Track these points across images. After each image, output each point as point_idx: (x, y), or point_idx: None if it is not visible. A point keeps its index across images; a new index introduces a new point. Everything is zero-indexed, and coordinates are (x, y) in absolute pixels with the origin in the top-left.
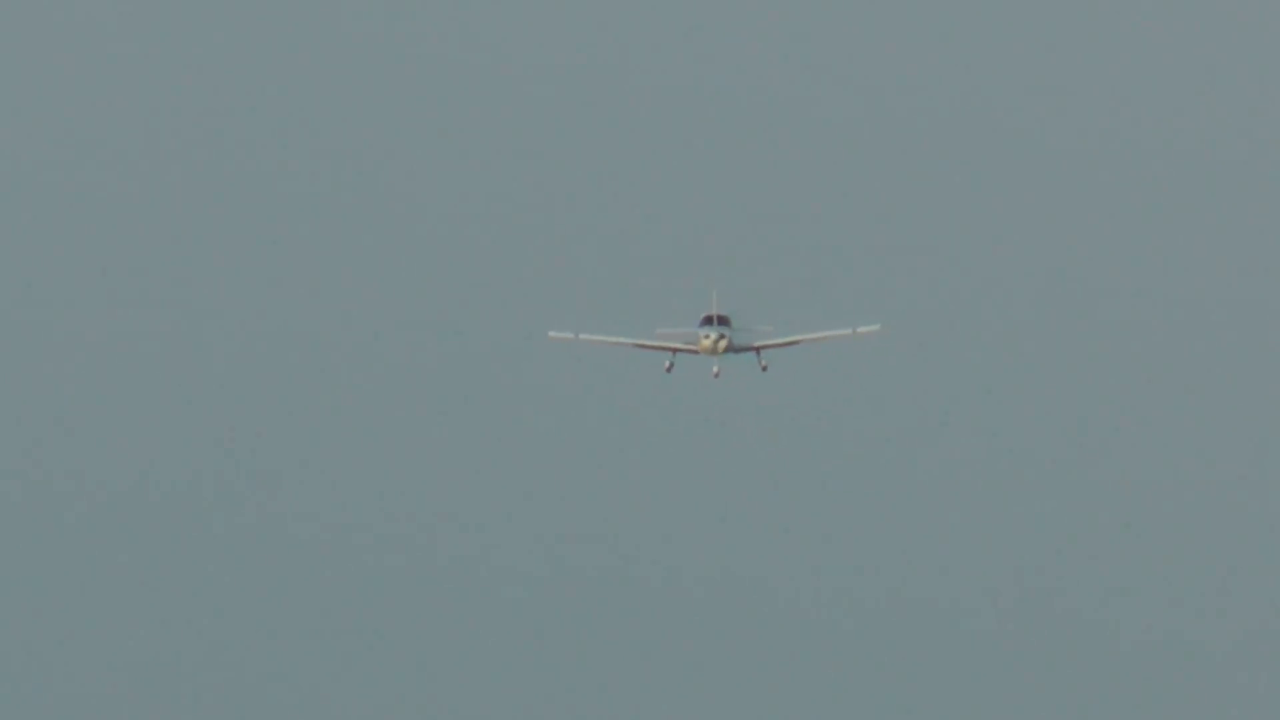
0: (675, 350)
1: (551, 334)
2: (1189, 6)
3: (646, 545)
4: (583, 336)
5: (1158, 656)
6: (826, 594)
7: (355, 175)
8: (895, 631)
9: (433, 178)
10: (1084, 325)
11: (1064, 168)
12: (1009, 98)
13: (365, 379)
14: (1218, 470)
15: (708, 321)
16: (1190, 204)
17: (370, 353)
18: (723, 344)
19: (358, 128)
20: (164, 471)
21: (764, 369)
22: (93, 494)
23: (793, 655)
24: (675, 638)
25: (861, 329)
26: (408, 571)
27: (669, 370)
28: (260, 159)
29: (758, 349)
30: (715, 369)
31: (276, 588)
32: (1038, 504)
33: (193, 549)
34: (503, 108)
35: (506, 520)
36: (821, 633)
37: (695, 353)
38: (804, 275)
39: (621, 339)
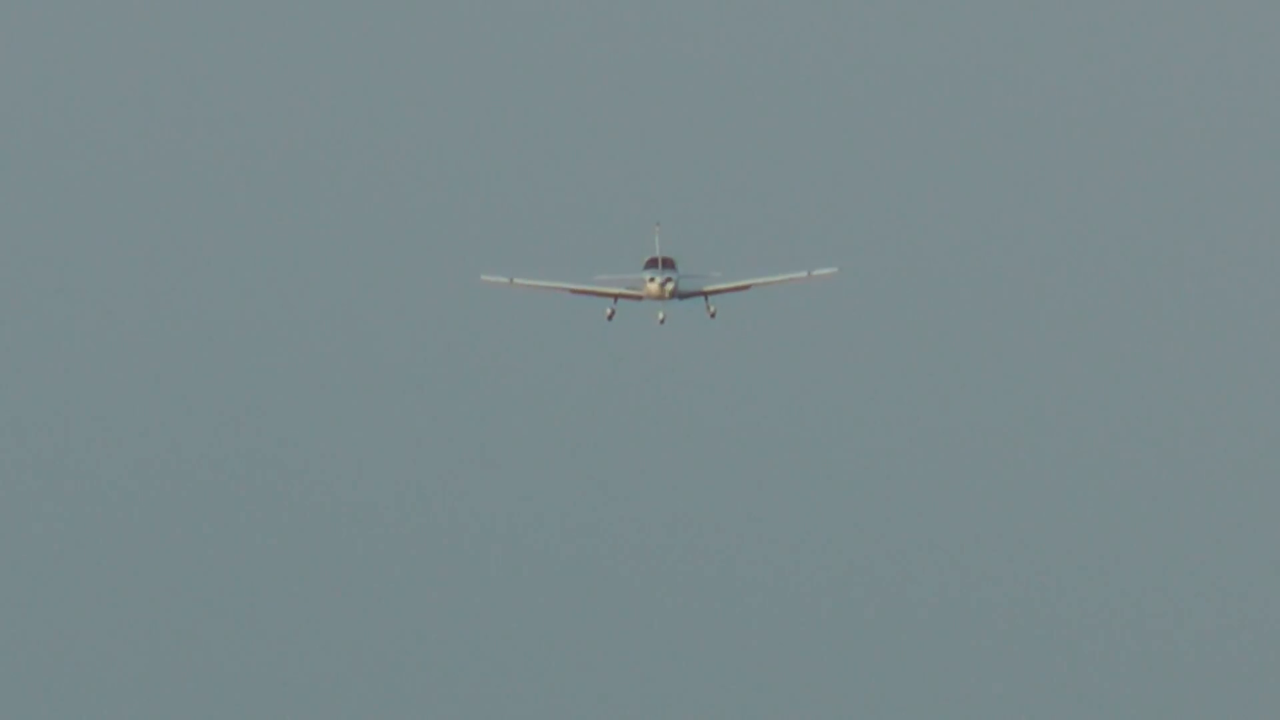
0: (617, 296)
1: (484, 277)
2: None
3: (586, 502)
4: (518, 281)
5: (1109, 615)
6: (777, 549)
7: (289, 121)
8: (845, 587)
9: (366, 118)
10: (1043, 270)
11: (1021, 114)
12: (967, 45)
13: (297, 325)
14: (1167, 429)
15: (653, 265)
16: (1140, 161)
17: (302, 297)
18: (670, 287)
19: (292, 77)
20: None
21: (712, 315)
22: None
23: (739, 607)
24: (616, 590)
25: (817, 272)
26: (340, 522)
27: (610, 318)
28: (189, 107)
29: (706, 294)
30: (660, 315)
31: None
32: (997, 452)
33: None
34: (439, 53)
35: (436, 472)
36: (768, 586)
37: (638, 298)
38: (755, 217)
39: (558, 284)
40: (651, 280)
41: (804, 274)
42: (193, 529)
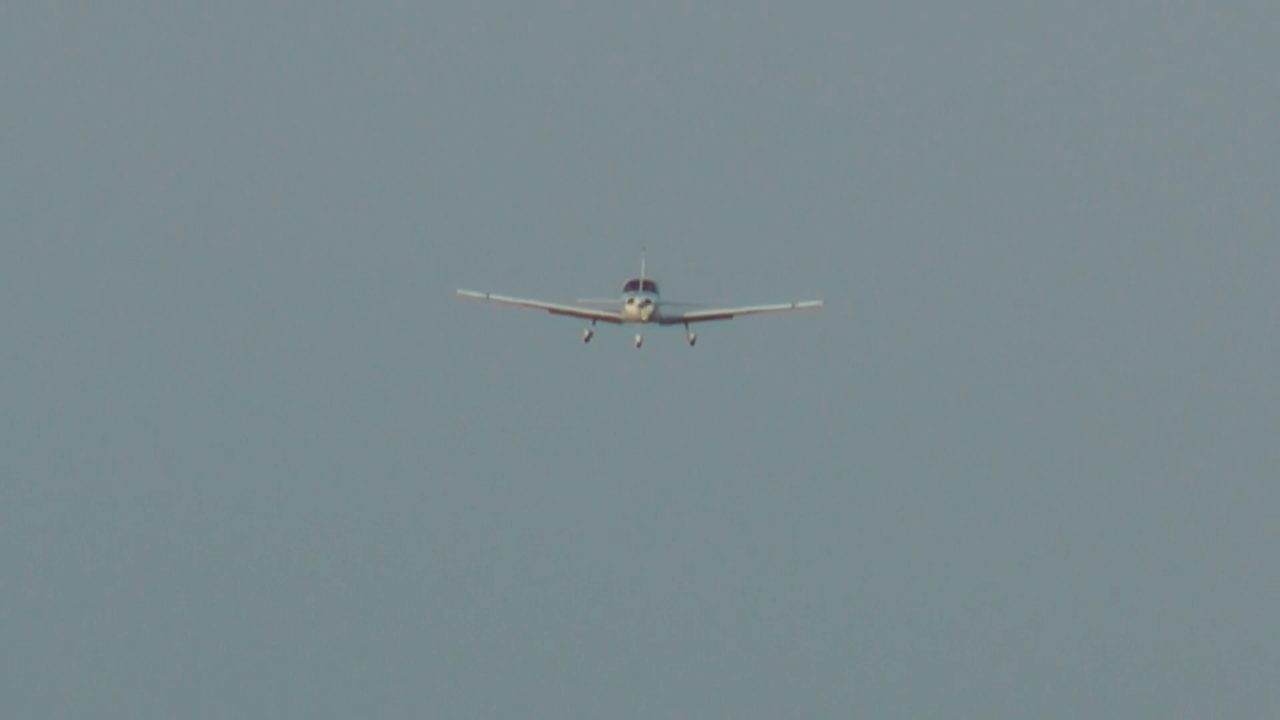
0: (595, 318)
1: (460, 292)
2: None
3: (556, 521)
4: (494, 297)
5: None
6: (751, 574)
7: (271, 132)
8: (824, 612)
9: (348, 132)
10: (1028, 302)
11: (1005, 146)
12: (949, 81)
13: (272, 338)
14: (1145, 435)
15: (633, 287)
16: (1119, 197)
17: (278, 310)
18: (648, 310)
19: (276, 88)
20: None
21: (692, 342)
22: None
23: (714, 630)
24: (589, 611)
25: (802, 304)
26: (311, 537)
27: (588, 340)
28: (174, 112)
29: (686, 321)
30: (638, 338)
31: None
32: (980, 484)
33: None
34: (428, 71)
35: (407, 488)
36: (743, 610)
37: (618, 321)
38: (741, 246)
39: (536, 302)
40: (630, 302)
41: (788, 305)
42: (166, 548)
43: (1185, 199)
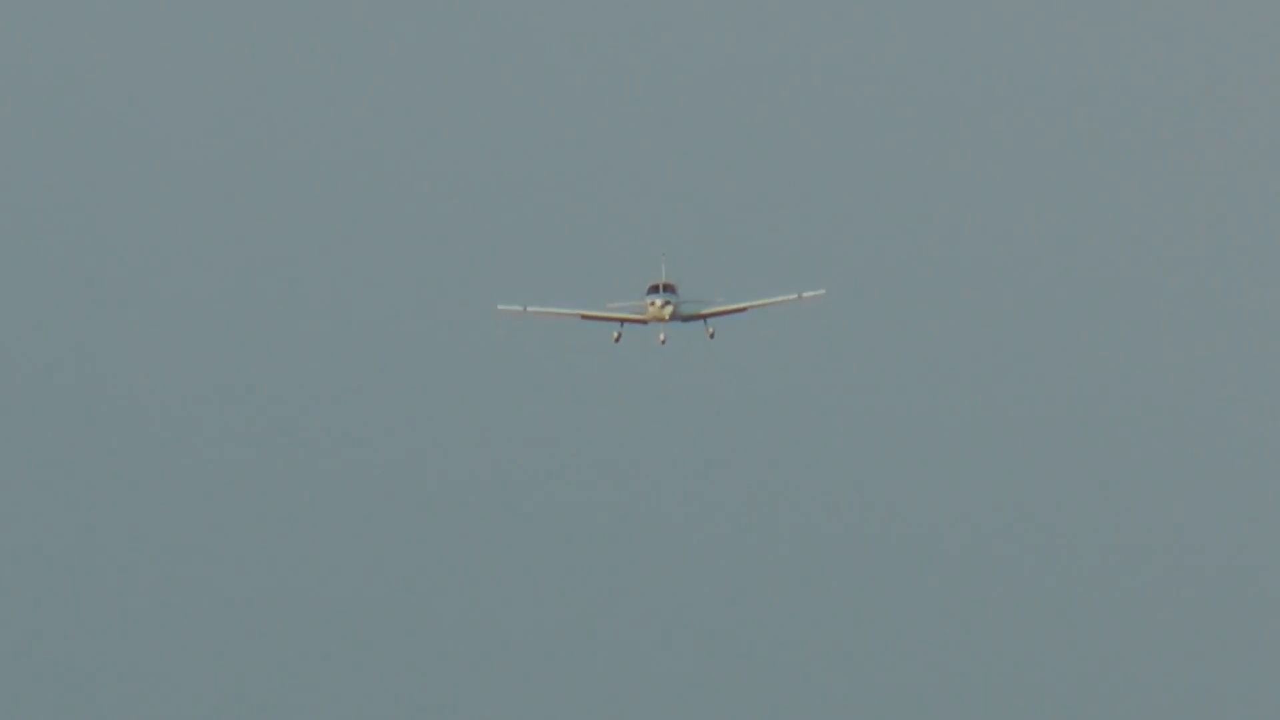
0: (623, 320)
1: (500, 307)
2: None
3: (604, 513)
4: (531, 309)
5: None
6: (778, 557)
7: (308, 151)
8: (842, 595)
9: (383, 153)
10: (1026, 284)
11: (1003, 136)
12: (947, 75)
13: (318, 353)
14: (1153, 445)
15: (654, 290)
16: (1117, 185)
17: (323, 327)
18: (668, 309)
19: (310, 104)
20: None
21: (710, 336)
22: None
23: (741, 621)
24: (626, 607)
25: (807, 294)
26: (357, 537)
27: (617, 340)
28: (216, 131)
29: (704, 317)
30: (661, 335)
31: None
32: (986, 463)
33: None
34: (453, 85)
35: (463, 492)
36: (767, 591)
37: (643, 322)
38: (751, 245)
39: (569, 310)
40: (652, 303)
41: (794, 295)
42: (220, 560)
43: (1176, 185)
